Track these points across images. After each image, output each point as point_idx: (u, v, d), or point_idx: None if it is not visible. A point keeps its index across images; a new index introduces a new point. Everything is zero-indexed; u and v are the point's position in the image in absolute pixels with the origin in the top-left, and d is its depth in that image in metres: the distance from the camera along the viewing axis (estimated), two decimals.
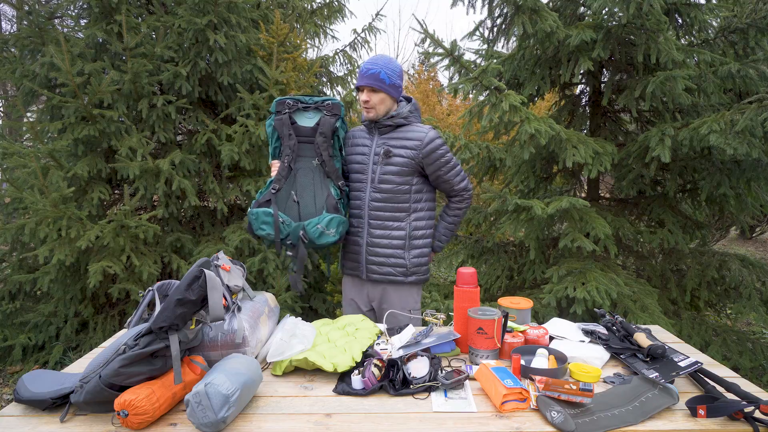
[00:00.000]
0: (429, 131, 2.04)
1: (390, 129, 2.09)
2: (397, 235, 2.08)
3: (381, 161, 2.06)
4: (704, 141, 2.76)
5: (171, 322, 1.24)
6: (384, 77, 2.02)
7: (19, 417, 1.28)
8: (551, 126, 2.95)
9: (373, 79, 2.01)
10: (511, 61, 3.63)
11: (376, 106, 2.04)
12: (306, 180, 2.04)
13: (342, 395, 1.40)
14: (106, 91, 3.13)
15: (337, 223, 1.98)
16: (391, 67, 2.05)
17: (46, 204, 2.91)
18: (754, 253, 8.19)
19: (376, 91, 2.02)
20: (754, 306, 3.26)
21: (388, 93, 2.04)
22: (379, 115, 2.06)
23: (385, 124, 2.07)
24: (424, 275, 2.16)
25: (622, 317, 2.82)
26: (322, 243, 1.97)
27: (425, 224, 2.12)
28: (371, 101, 2.03)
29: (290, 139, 2.01)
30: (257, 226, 1.99)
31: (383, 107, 2.05)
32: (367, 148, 2.11)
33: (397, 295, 2.13)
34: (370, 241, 2.10)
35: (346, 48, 4.83)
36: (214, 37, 3.23)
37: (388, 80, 2.03)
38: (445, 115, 8.21)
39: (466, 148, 3.50)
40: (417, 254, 2.12)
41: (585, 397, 1.27)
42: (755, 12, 3.28)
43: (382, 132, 2.10)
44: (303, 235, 1.96)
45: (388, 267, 2.10)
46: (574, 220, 3.07)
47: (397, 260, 2.09)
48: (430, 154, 2.03)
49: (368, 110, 2.05)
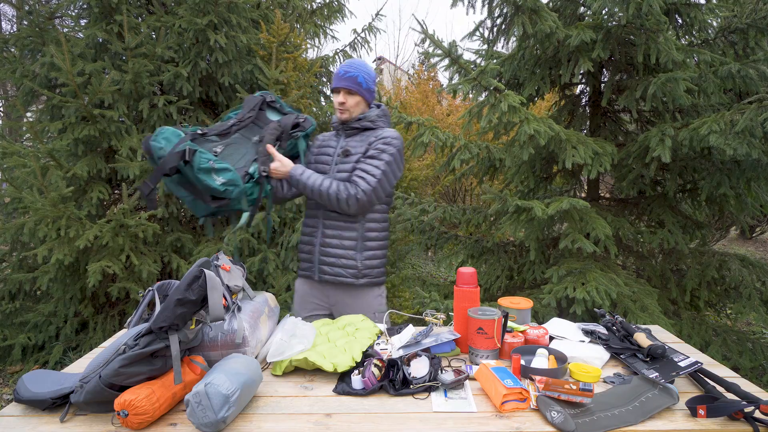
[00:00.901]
0: (392, 132, 2.04)
1: (356, 132, 2.09)
2: (349, 236, 2.06)
3: (339, 161, 2.06)
4: (704, 141, 2.76)
5: (171, 322, 1.25)
6: (361, 81, 2.03)
7: (19, 417, 1.28)
8: (551, 126, 2.95)
9: (350, 82, 2.01)
10: (511, 62, 3.64)
11: (351, 108, 2.04)
12: (236, 147, 1.95)
13: (342, 395, 1.40)
14: (107, 91, 3.13)
15: (231, 179, 1.76)
16: (367, 72, 2.06)
17: (45, 204, 2.91)
18: (754, 253, 8.19)
19: (353, 93, 2.03)
20: (754, 306, 3.26)
21: (363, 97, 2.05)
22: (352, 116, 2.07)
23: (352, 127, 2.08)
24: (377, 278, 2.12)
25: (622, 317, 2.83)
26: (201, 178, 1.71)
27: (379, 227, 2.10)
28: (347, 103, 2.03)
29: (249, 113, 1.99)
30: (157, 137, 1.74)
31: (357, 110, 2.06)
32: (332, 149, 2.12)
33: (354, 298, 2.10)
34: (323, 241, 2.08)
35: (346, 48, 4.84)
36: (215, 37, 3.23)
37: (365, 84, 2.04)
38: (445, 115, 8.21)
39: (466, 149, 3.50)
40: (369, 256, 2.09)
41: (585, 397, 1.27)
42: (755, 12, 3.28)
43: (348, 134, 2.11)
44: (189, 151, 1.70)
45: (339, 268, 2.07)
46: (575, 221, 3.07)
47: (348, 261, 2.06)
48: (374, 143, 2.02)
49: (342, 112, 2.05)
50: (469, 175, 3.99)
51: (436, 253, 4.45)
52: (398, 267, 3.68)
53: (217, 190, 1.74)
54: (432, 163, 7.10)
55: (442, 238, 3.94)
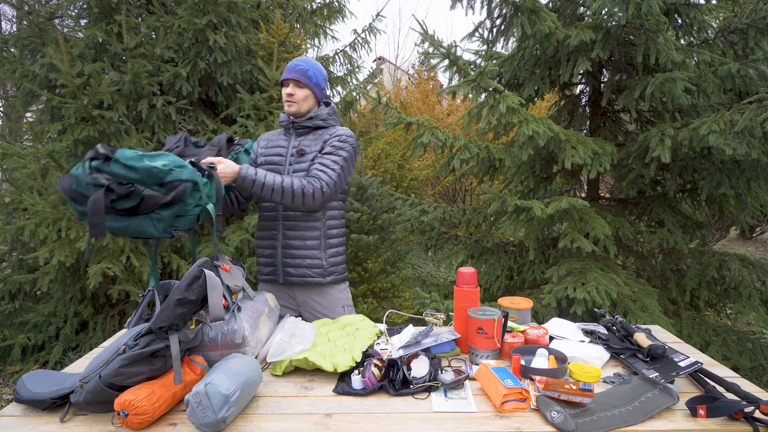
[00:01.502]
0: (345, 130, 2.04)
1: (307, 131, 2.07)
2: (311, 235, 2.05)
3: (294, 161, 2.03)
4: (704, 141, 2.76)
5: (171, 322, 1.25)
6: (311, 75, 2.01)
7: (19, 417, 1.28)
8: (550, 127, 2.95)
9: (300, 74, 2.00)
10: (510, 62, 3.64)
11: (299, 101, 2.02)
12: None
13: (342, 395, 1.40)
14: (106, 92, 3.13)
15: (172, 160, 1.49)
16: (318, 69, 2.05)
17: (45, 206, 2.91)
18: (754, 253, 8.19)
19: (302, 86, 2.02)
20: (754, 306, 3.26)
21: (312, 91, 2.04)
22: (300, 110, 2.04)
23: (303, 125, 2.06)
24: (341, 274, 2.13)
25: (622, 317, 2.83)
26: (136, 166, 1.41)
27: (338, 223, 2.11)
28: (296, 95, 2.01)
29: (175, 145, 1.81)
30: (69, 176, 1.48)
31: (306, 104, 2.04)
32: (283, 149, 2.09)
33: (321, 296, 2.10)
34: (285, 243, 2.06)
35: (346, 48, 4.84)
36: (214, 37, 3.23)
37: (315, 79, 2.03)
38: (445, 115, 8.21)
39: (466, 149, 3.51)
40: (333, 254, 2.08)
41: (585, 397, 1.27)
42: (755, 12, 3.29)
43: (299, 133, 2.08)
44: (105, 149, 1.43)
45: (304, 268, 2.06)
46: (574, 221, 3.07)
47: (313, 261, 2.05)
48: (329, 140, 2.00)
49: (291, 104, 2.03)
50: (469, 176, 3.99)
51: (436, 253, 4.44)
52: (398, 267, 3.68)
53: (162, 171, 1.43)
54: (432, 164, 7.10)
55: (442, 239, 3.94)
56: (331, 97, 4.81)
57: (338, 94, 4.79)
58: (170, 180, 1.45)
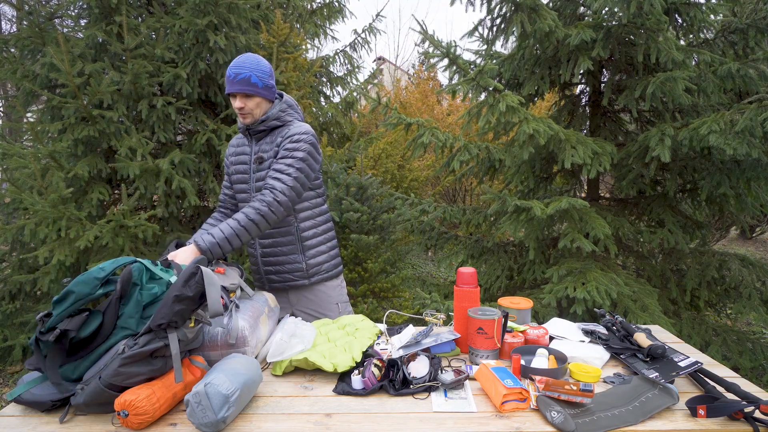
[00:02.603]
0: (301, 126, 1.95)
1: (265, 133, 2.00)
2: (285, 240, 2.02)
3: (255, 168, 2.00)
4: (704, 141, 2.76)
5: (170, 319, 1.24)
6: (256, 81, 1.90)
7: (19, 417, 1.28)
8: (550, 126, 2.95)
9: (244, 84, 1.89)
10: (510, 61, 3.64)
11: (252, 111, 1.94)
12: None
13: (342, 395, 1.40)
14: (106, 92, 3.13)
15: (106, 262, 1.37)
16: (261, 69, 1.93)
17: (45, 205, 2.91)
18: (754, 253, 8.19)
19: (250, 96, 1.92)
20: (754, 306, 3.26)
21: (262, 96, 1.94)
22: (255, 118, 1.97)
23: (258, 130, 1.99)
24: (328, 272, 2.09)
25: (622, 317, 2.83)
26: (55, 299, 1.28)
27: (315, 222, 2.06)
28: (246, 107, 1.92)
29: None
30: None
31: (259, 111, 1.96)
32: (246, 156, 2.04)
33: (312, 295, 2.09)
34: (263, 252, 2.06)
35: (347, 48, 4.84)
36: (215, 38, 3.23)
37: (261, 83, 1.91)
38: (445, 115, 8.21)
39: (466, 149, 3.51)
40: (313, 254, 2.05)
41: (585, 397, 1.27)
42: (755, 12, 3.28)
43: (258, 138, 2.02)
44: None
45: (285, 273, 2.05)
46: (574, 220, 3.07)
47: (293, 265, 2.04)
48: (282, 143, 1.93)
49: (244, 116, 1.96)
50: (469, 176, 3.99)
51: (436, 253, 4.45)
52: (398, 267, 3.68)
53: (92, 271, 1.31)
54: (432, 164, 7.10)
55: (442, 238, 3.94)
56: (332, 97, 4.81)
57: (338, 94, 4.79)
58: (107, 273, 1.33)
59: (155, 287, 1.37)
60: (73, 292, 1.27)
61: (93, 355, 1.30)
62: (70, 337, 1.27)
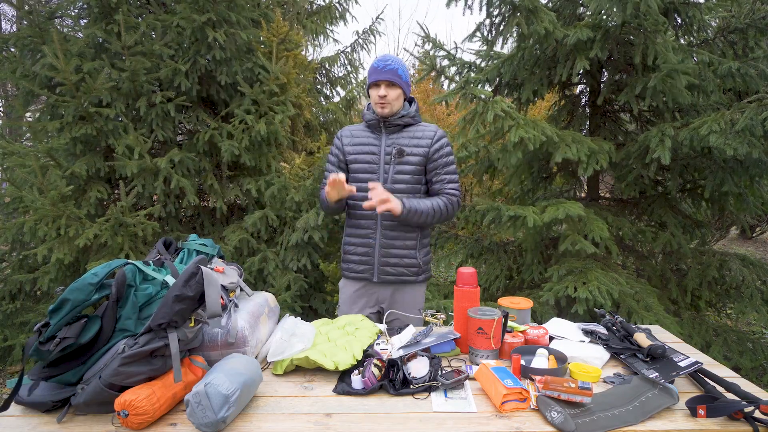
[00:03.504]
0: (438, 129, 2.09)
1: (398, 129, 2.08)
2: (410, 235, 2.09)
3: (394, 161, 2.05)
4: (704, 141, 2.76)
5: (170, 318, 1.24)
6: (401, 73, 2.03)
7: (19, 417, 1.28)
8: (543, 131, 2.94)
9: (391, 74, 2.00)
10: (510, 62, 3.63)
11: (392, 101, 2.02)
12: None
13: (342, 395, 1.40)
14: (103, 89, 3.12)
15: (100, 266, 1.35)
16: (404, 65, 2.08)
17: (45, 203, 2.91)
18: (754, 252, 8.19)
19: (394, 86, 2.02)
20: (755, 306, 3.26)
21: (403, 89, 2.05)
22: (393, 111, 2.04)
23: (394, 123, 2.07)
24: (430, 272, 2.22)
25: (626, 317, 2.83)
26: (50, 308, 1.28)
27: None
28: (389, 96, 2.01)
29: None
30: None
31: (398, 103, 2.05)
32: (375, 147, 2.10)
33: (408, 294, 2.14)
34: (384, 242, 2.09)
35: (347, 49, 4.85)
36: (213, 34, 3.22)
37: (404, 77, 2.05)
38: (446, 115, 8.21)
39: (464, 149, 3.51)
40: (426, 252, 2.17)
41: (584, 396, 1.27)
42: (753, 12, 3.28)
43: (390, 131, 2.09)
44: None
45: (402, 267, 2.11)
46: (573, 222, 3.06)
47: (411, 260, 2.11)
48: (438, 150, 2.06)
49: (384, 105, 2.02)
50: (468, 174, 3.99)
51: (436, 253, 4.44)
52: None
53: (85, 277, 1.30)
54: None
55: (441, 238, 3.94)
56: (332, 97, 4.81)
57: (338, 95, 4.79)
58: (101, 278, 1.31)
59: (149, 287, 1.37)
60: (69, 300, 1.26)
61: (94, 359, 1.30)
62: (69, 344, 1.24)
